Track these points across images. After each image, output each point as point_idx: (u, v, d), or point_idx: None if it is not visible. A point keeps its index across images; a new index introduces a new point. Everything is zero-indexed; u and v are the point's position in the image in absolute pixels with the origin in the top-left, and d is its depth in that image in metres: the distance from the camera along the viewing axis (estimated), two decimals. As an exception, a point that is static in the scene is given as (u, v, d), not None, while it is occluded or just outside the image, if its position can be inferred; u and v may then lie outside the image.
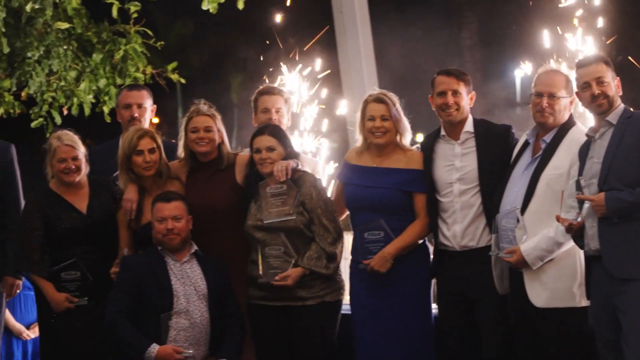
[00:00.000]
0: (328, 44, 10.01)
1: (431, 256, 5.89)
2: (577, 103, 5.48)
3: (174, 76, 9.94)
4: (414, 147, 5.96)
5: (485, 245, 5.58)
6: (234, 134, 20.81)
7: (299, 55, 8.96)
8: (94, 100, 9.58)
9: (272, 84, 6.69)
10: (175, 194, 5.88)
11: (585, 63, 5.21)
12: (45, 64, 9.12)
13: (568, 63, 7.32)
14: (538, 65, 6.15)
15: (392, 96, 5.87)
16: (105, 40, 9.58)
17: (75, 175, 6.05)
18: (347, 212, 6.04)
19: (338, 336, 5.87)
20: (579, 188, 5.02)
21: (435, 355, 5.83)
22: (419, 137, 7.21)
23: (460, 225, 5.65)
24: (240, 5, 9.02)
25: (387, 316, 5.76)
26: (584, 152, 5.17)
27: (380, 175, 5.82)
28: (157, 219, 5.78)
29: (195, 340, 5.68)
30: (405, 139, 5.90)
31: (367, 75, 9.07)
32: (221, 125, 6.07)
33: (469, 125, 5.74)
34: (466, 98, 5.73)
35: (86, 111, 9.51)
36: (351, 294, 5.94)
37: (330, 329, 5.82)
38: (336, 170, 7.39)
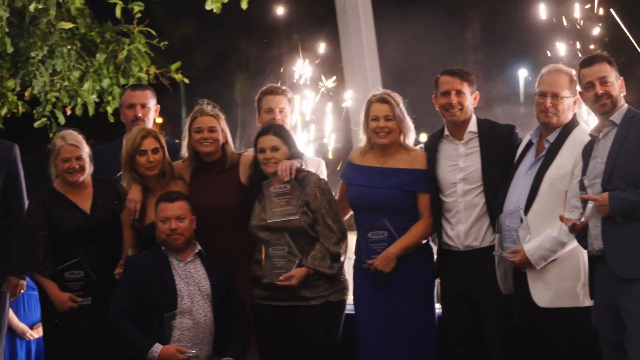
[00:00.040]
0: (331, 42, 10.02)
1: (435, 256, 5.89)
2: (583, 109, 5.47)
3: (178, 76, 9.93)
4: (417, 147, 5.97)
5: (488, 245, 5.58)
6: (237, 133, 20.79)
7: (303, 52, 8.97)
8: (97, 100, 9.58)
9: (276, 84, 6.65)
10: (178, 194, 5.87)
11: (588, 63, 5.20)
12: (49, 63, 9.12)
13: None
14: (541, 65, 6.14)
15: (396, 96, 5.87)
16: (109, 40, 9.57)
17: (79, 175, 6.04)
18: (351, 212, 6.04)
19: (342, 336, 5.87)
20: (582, 188, 5.02)
21: (439, 355, 5.83)
22: (423, 137, 7.20)
23: (464, 225, 5.65)
24: (243, 5, 9.02)
25: (391, 316, 5.76)
26: (587, 152, 5.17)
27: (384, 175, 5.82)
28: (161, 219, 5.78)
29: (199, 340, 5.68)
30: (409, 139, 5.89)
31: (370, 73, 9.07)
32: (225, 125, 6.06)
33: (472, 125, 5.74)
34: (470, 98, 5.72)
35: (90, 111, 9.51)
36: (355, 294, 5.93)
37: (334, 329, 5.81)
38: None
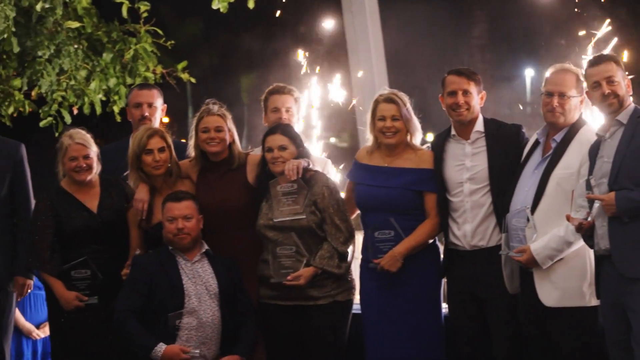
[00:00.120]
0: (334, 42, 10.02)
1: (441, 256, 5.89)
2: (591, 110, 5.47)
3: (184, 75, 9.92)
4: (424, 147, 5.97)
5: (495, 244, 5.58)
6: (244, 133, 20.79)
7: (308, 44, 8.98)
8: (104, 99, 9.58)
9: (282, 83, 6.65)
10: (185, 194, 5.88)
11: (595, 62, 5.20)
12: (56, 63, 9.12)
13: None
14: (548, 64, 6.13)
15: (403, 96, 5.87)
16: (116, 39, 9.56)
17: (86, 174, 6.04)
18: (358, 212, 6.04)
19: (348, 335, 5.87)
20: (589, 187, 5.01)
21: (445, 354, 5.83)
22: (430, 137, 7.21)
23: (471, 225, 5.65)
24: (250, 4, 9.01)
25: (397, 316, 5.76)
26: (594, 152, 5.16)
27: (390, 175, 5.82)
28: (168, 219, 5.78)
29: (206, 339, 5.69)
30: (416, 139, 5.90)
31: (375, 55, 9.07)
32: (232, 125, 6.05)
33: (479, 125, 5.74)
34: (477, 98, 5.72)
35: (97, 110, 9.52)
36: (361, 293, 5.93)
37: (342, 329, 5.82)
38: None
